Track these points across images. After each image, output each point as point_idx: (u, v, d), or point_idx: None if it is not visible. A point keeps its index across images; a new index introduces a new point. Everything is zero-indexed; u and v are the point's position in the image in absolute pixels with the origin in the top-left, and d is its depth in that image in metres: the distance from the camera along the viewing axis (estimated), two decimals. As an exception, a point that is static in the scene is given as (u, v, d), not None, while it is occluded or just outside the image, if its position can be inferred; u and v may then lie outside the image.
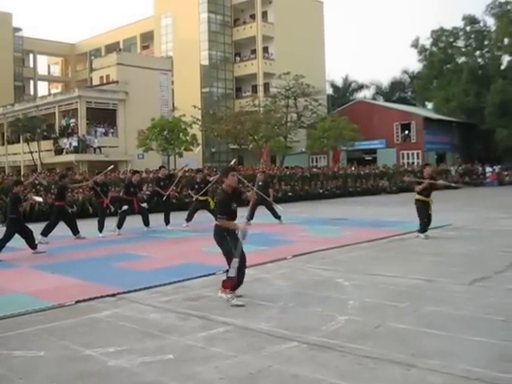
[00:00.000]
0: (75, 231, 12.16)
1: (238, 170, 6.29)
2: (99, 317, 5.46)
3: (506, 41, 47.53)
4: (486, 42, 50.39)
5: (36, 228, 10.92)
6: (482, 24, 50.34)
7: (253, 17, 50.25)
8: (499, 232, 11.06)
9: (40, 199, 14.45)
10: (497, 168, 39.22)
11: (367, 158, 43.10)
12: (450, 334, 4.57)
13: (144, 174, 21.59)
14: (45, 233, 11.58)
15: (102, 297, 6.26)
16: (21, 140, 38.75)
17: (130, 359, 4.17)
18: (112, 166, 15.72)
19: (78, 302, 6.04)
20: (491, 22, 49.50)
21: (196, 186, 14.59)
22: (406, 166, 37.56)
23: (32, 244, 10.02)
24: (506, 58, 49.04)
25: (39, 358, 4.28)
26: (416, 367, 3.86)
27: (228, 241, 5.88)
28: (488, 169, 38.39)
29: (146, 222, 13.51)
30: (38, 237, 10.78)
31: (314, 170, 30.10)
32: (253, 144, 37.94)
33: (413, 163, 41.16)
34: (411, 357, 4.05)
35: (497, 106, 43.41)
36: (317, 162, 44.27)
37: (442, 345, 4.32)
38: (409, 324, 4.87)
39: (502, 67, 48.65)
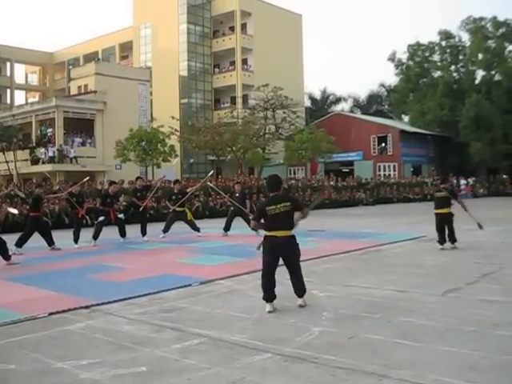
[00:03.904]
0: (50, 242, 12.01)
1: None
2: (72, 329, 5.40)
3: (480, 56, 48.58)
4: (460, 57, 51.42)
5: (10, 239, 10.77)
6: (457, 39, 51.46)
7: (232, 29, 50.53)
8: (472, 244, 11.22)
9: (15, 211, 14.28)
10: (471, 180, 39.89)
11: (344, 170, 43.48)
12: (422, 344, 4.62)
13: (127, 185, 21.52)
14: (19, 244, 11.42)
15: (75, 309, 6.18)
16: (-4, 149, 38.18)
17: (102, 372, 4.13)
18: (88, 178, 15.64)
19: (51, 314, 5.96)
20: (466, 38, 50.69)
21: (173, 197, 14.57)
22: (382, 178, 37.98)
23: (5, 255, 9.86)
24: (479, 73, 50.18)
25: (9, 371, 4.22)
26: (388, 377, 3.89)
27: None
28: (462, 181, 38.98)
29: (123, 233, 13.40)
30: (12, 248, 10.63)
31: (293, 181, 30.22)
32: (231, 155, 38.00)
33: (389, 175, 41.61)
34: (384, 367, 4.09)
35: (471, 119, 44.25)
36: (295, 173, 44.50)
37: (414, 355, 4.37)
38: (382, 335, 4.91)
39: (477, 82, 49.67)
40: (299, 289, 6.09)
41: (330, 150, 37.82)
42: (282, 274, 8.01)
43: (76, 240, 12.59)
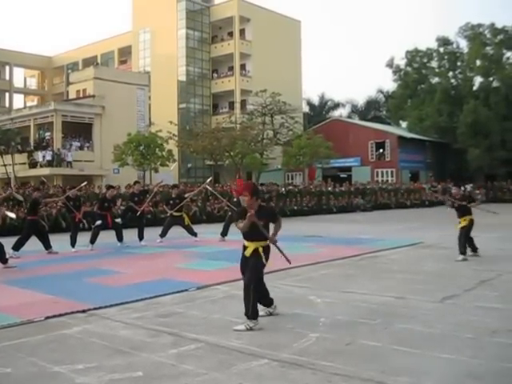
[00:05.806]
0: (47, 246, 11.99)
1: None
2: (69, 333, 5.38)
3: (477, 62, 48.65)
4: (458, 63, 51.48)
5: (7, 242, 10.73)
6: (454, 45, 51.49)
7: (231, 34, 50.65)
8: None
9: (13, 215, 14.24)
10: (469, 187, 39.85)
11: (342, 176, 43.47)
12: (419, 351, 4.61)
13: (124, 189, 21.44)
14: (16, 247, 11.38)
15: (72, 313, 6.16)
16: (-6, 153, 38.13)
17: (98, 376, 4.12)
18: (86, 183, 15.63)
19: (47, 317, 5.95)
20: (464, 44, 50.73)
21: (171, 202, 14.55)
22: (380, 184, 37.94)
23: (3, 258, 9.84)
24: (477, 80, 50.17)
25: (5, 375, 4.20)
26: (385, 384, 3.89)
27: None
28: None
29: (120, 238, 13.37)
30: (9, 251, 10.60)
31: (290, 187, 30.27)
32: (229, 160, 38.03)
33: (387, 181, 41.60)
34: (381, 374, 4.08)
35: (469, 125, 44.30)
36: (292, 178, 44.48)
37: (411, 362, 4.36)
38: (379, 341, 4.90)
39: (474, 88, 49.70)
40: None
41: (328, 155, 37.88)
42: (277, 279, 8.01)
43: (73, 244, 12.55)
